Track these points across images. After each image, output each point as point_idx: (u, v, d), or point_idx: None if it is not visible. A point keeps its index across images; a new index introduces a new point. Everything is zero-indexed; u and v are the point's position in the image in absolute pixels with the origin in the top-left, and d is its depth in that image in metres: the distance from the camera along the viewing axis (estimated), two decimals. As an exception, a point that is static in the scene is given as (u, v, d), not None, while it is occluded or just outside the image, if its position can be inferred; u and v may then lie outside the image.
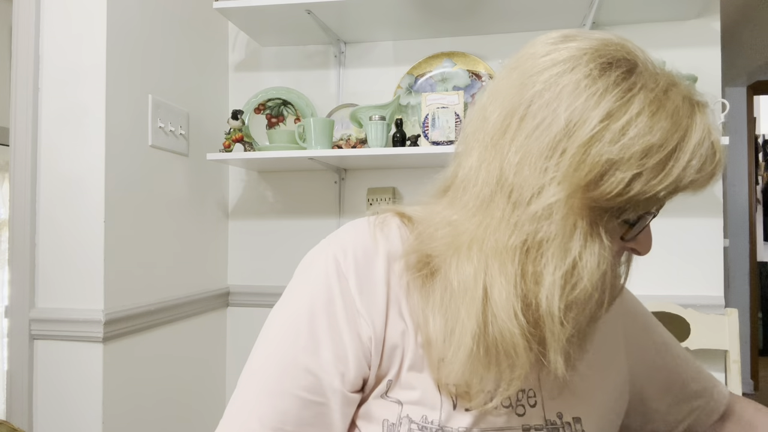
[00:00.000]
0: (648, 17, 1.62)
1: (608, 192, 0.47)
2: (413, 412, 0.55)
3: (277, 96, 1.82)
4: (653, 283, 1.64)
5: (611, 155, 0.46)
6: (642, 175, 0.46)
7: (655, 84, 0.48)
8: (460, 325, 0.51)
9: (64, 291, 1.30)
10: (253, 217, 1.88)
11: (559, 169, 0.48)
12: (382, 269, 0.57)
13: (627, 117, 0.46)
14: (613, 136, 0.46)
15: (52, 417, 1.30)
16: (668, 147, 0.46)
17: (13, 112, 1.31)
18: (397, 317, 0.56)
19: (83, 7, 1.31)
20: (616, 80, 0.48)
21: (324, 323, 0.56)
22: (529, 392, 0.59)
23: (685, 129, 0.47)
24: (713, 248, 1.62)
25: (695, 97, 0.50)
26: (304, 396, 0.55)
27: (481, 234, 0.51)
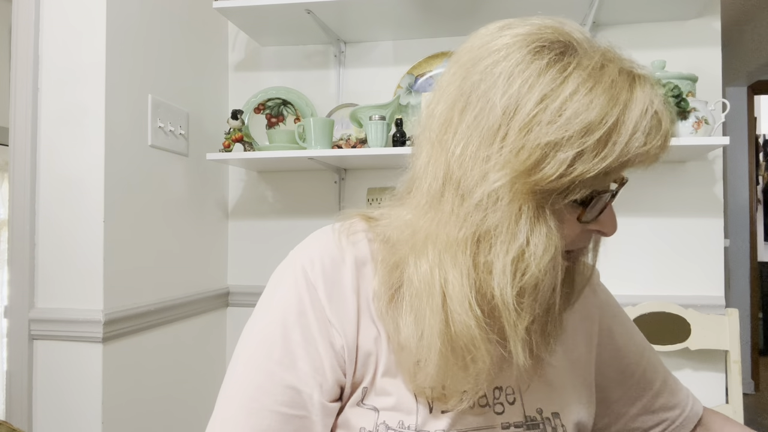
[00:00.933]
0: (648, 17, 1.62)
1: (551, 174, 0.46)
2: (390, 419, 0.55)
3: (276, 96, 1.81)
4: (653, 283, 1.64)
5: (550, 137, 0.46)
6: (584, 154, 0.46)
7: (590, 61, 0.48)
8: (428, 326, 0.51)
9: (63, 291, 1.30)
10: (253, 217, 1.88)
11: (501, 155, 0.48)
12: (350, 276, 0.56)
13: (562, 97, 0.46)
14: (550, 117, 0.46)
15: (51, 417, 1.30)
16: (608, 122, 0.45)
17: (13, 112, 1.31)
18: (368, 323, 0.56)
19: (83, 7, 1.31)
20: (548, 62, 0.48)
21: (298, 335, 0.55)
22: (507, 389, 0.59)
23: (624, 102, 0.46)
24: (714, 248, 1.62)
25: (635, 70, 0.49)
26: (284, 411, 0.54)
27: (434, 230, 0.51)
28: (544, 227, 0.48)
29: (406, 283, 0.54)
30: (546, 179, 0.46)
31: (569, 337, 0.66)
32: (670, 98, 1.35)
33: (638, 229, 1.65)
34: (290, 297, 0.56)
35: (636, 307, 1.53)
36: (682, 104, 1.38)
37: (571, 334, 0.67)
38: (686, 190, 1.63)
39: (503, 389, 0.59)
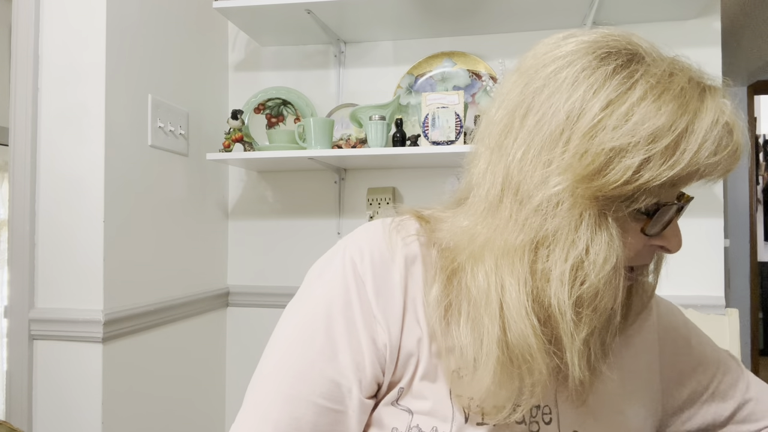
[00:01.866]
0: (648, 17, 1.62)
1: (616, 180, 0.45)
2: (423, 423, 0.54)
3: (277, 96, 1.81)
4: (653, 283, 1.63)
5: (616, 142, 0.45)
6: (651, 160, 0.44)
7: (658, 69, 0.47)
8: (486, 334, 0.50)
9: (63, 291, 1.30)
10: (253, 217, 1.88)
11: (563, 159, 0.47)
12: (399, 274, 0.55)
13: (630, 102, 0.45)
14: (616, 122, 0.45)
15: (51, 417, 1.30)
16: (677, 129, 0.44)
17: (13, 112, 1.31)
18: (413, 323, 0.55)
19: (83, 7, 1.31)
20: (615, 69, 0.47)
21: (341, 327, 0.54)
22: (544, 409, 0.57)
23: (694, 111, 0.45)
24: (714, 248, 1.61)
25: (705, 81, 0.48)
26: (321, 403, 0.53)
27: (491, 236, 0.50)
28: (605, 235, 0.47)
29: (464, 290, 0.52)
30: (610, 185, 0.45)
31: (624, 365, 0.62)
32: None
33: (638, 229, 1.65)
34: (337, 286, 0.55)
35: (636, 307, 1.53)
36: (683, 104, 1.38)
37: (625, 356, 0.63)
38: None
39: (541, 408, 0.57)
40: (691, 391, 0.66)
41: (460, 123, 1.52)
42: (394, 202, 1.74)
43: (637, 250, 0.51)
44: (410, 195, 1.77)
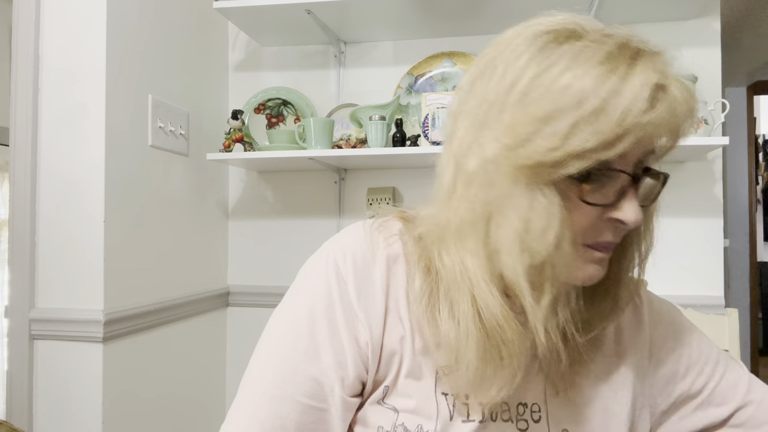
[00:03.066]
0: (648, 17, 1.62)
1: (545, 146, 0.45)
2: (408, 421, 0.55)
3: (277, 96, 1.81)
4: (653, 283, 1.62)
5: (543, 109, 0.45)
6: (578, 125, 0.45)
7: (589, 39, 0.48)
8: (462, 314, 0.51)
9: (64, 291, 1.30)
10: (253, 217, 1.88)
11: (496, 130, 0.48)
12: (381, 274, 0.56)
13: (557, 70, 0.46)
14: (544, 91, 0.46)
15: (52, 417, 1.30)
16: (604, 91, 0.44)
17: (13, 112, 1.31)
18: (396, 322, 0.56)
19: (83, 7, 1.31)
20: (549, 42, 0.48)
21: (324, 328, 0.55)
22: (533, 407, 0.58)
23: (622, 73, 0.45)
24: (713, 248, 1.62)
25: (640, 46, 0.48)
26: (305, 402, 0.55)
27: (450, 217, 0.52)
28: (543, 202, 0.47)
29: (439, 277, 0.54)
30: (540, 152, 0.46)
31: (608, 363, 0.62)
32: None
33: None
34: (320, 288, 0.57)
35: (636, 307, 1.53)
36: (682, 104, 1.38)
37: (614, 359, 0.62)
38: (686, 190, 1.63)
39: (528, 405, 0.58)
40: (684, 390, 0.65)
41: (460, 123, 1.52)
42: (395, 202, 1.74)
43: (589, 223, 0.50)
44: (410, 195, 1.77)
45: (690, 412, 0.65)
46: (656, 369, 0.64)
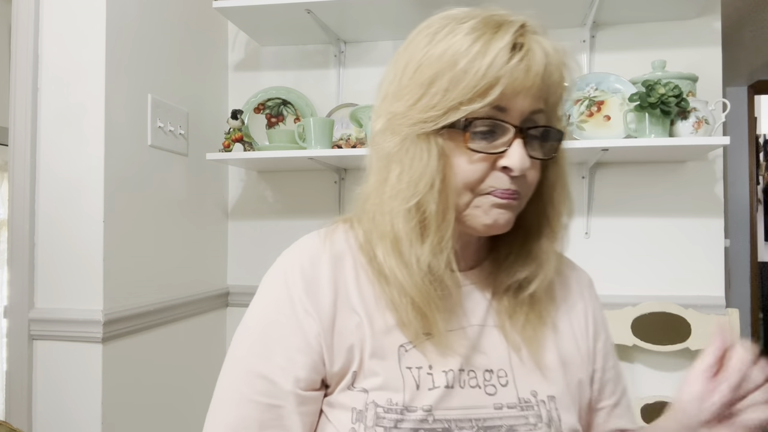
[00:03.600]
0: (648, 17, 1.62)
1: (429, 104, 0.56)
2: (378, 397, 0.59)
3: (276, 96, 1.81)
4: (654, 283, 1.63)
5: (429, 73, 0.56)
6: (453, 81, 0.55)
7: (466, 18, 0.58)
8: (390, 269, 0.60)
9: (63, 291, 1.30)
10: (253, 217, 1.88)
11: (395, 99, 0.59)
12: (327, 270, 0.62)
13: (439, 43, 0.57)
14: (428, 60, 0.57)
15: (51, 417, 1.30)
16: (471, 52, 0.54)
17: (13, 112, 1.31)
18: (348, 311, 0.61)
19: (82, 7, 1.30)
20: (437, 28, 0.59)
21: (274, 330, 0.61)
22: (499, 372, 0.63)
23: (488, 38, 0.55)
24: (714, 248, 1.61)
25: (508, 18, 0.57)
26: (261, 400, 0.59)
27: (367, 189, 0.63)
28: (424, 155, 0.57)
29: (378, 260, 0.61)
30: (424, 109, 0.56)
31: (564, 330, 0.69)
32: (671, 98, 1.35)
33: (639, 229, 1.65)
34: (269, 296, 0.63)
35: (636, 307, 1.53)
36: (682, 104, 1.38)
37: (566, 328, 0.69)
38: (686, 190, 1.62)
39: (494, 372, 0.62)
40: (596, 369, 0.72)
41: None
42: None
43: (481, 170, 0.57)
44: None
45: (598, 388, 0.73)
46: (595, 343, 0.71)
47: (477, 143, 0.56)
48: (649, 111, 1.38)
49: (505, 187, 0.57)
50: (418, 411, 0.58)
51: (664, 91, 1.36)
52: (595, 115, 1.53)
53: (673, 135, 1.42)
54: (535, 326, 0.65)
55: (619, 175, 1.66)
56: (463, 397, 0.60)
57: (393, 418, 0.57)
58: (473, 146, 0.56)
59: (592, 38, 1.66)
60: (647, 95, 1.37)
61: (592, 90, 1.54)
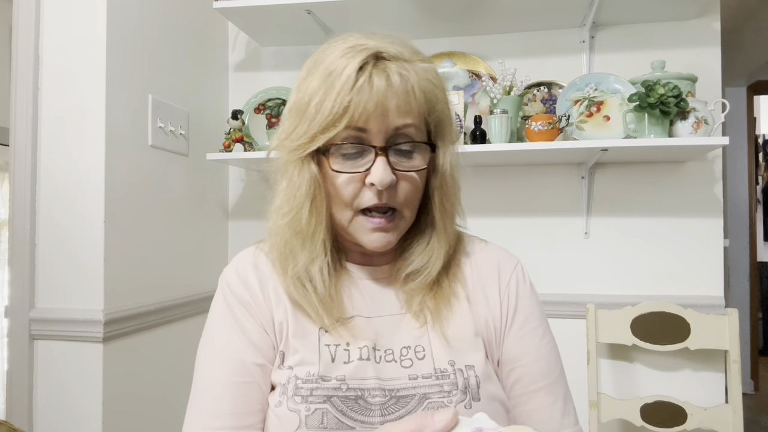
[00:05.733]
0: (648, 17, 1.62)
1: (299, 134, 0.64)
2: (299, 372, 0.66)
3: (277, 96, 1.81)
4: (653, 283, 1.64)
5: (298, 109, 0.66)
6: (312, 116, 0.63)
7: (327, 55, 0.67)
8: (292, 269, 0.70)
9: (64, 291, 1.30)
10: (253, 217, 1.88)
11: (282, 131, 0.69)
12: (253, 274, 0.72)
13: (304, 82, 0.67)
14: (297, 97, 0.67)
15: (52, 417, 1.30)
16: (322, 89, 0.63)
17: (13, 112, 1.31)
18: (276, 301, 0.70)
19: (83, 7, 1.31)
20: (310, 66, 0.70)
21: (230, 321, 0.69)
22: (417, 348, 0.68)
23: (336, 75, 0.62)
24: (713, 248, 1.62)
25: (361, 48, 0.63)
26: (233, 380, 0.66)
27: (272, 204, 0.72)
28: (295, 176, 0.66)
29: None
30: (296, 139, 0.65)
31: (479, 303, 0.72)
32: (670, 98, 1.35)
33: (638, 229, 1.65)
34: (219, 299, 0.72)
35: (636, 307, 1.53)
36: (682, 104, 1.38)
37: (481, 302, 0.73)
38: (686, 190, 1.63)
39: (412, 347, 0.68)
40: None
41: (460, 123, 1.52)
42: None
43: (352, 189, 0.65)
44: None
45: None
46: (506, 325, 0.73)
47: (341, 165, 0.64)
48: (648, 111, 1.38)
49: (373, 202, 0.64)
50: (332, 380, 0.64)
51: (663, 92, 1.36)
52: (594, 115, 1.53)
53: (672, 135, 1.42)
54: (444, 304, 0.70)
55: (619, 175, 1.66)
56: (377, 369, 0.66)
57: (309, 387, 0.64)
58: (336, 167, 0.64)
59: (591, 39, 1.67)
60: (647, 95, 1.37)
61: (592, 90, 1.54)
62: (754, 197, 3.88)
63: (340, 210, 0.66)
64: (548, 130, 1.48)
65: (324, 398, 0.63)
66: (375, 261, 0.74)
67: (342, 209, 0.66)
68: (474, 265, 0.75)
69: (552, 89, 1.67)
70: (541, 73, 1.67)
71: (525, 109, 1.60)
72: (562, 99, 1.57)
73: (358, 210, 0.66)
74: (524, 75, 1.60)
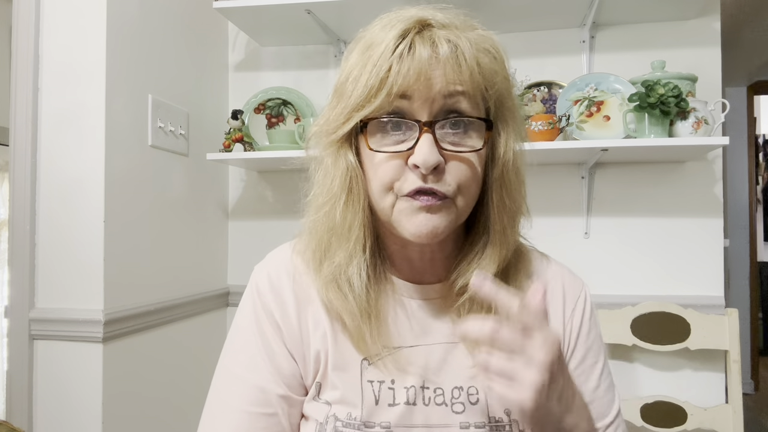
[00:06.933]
0: (648, 17, 1.62)
1: (337, 115, 0.58)
2: (339, 411, 0.59)
3: (277, 96, 1.81)
4: (653, 283, 1.64)
5: (338, 88, 0.59)
6: (350, 91, 0.56)
7: (360, 38, 0.60)
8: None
9: (63, 291, 1.30)
10: (253, 217, 1.88)
11: (322, 111, 0.63)
12: (289, 287, 0.64)
13: (346, 61, 0.60)
14: (338, 79, 0.60)
15: (52, 417, 1.30)
16: (360, 62, 0.56)
17: (13, 112, 1.31)
18: (312, 323, 0.62)
19: (83, 7, 1.30)
20: (354, 45, 0.60)
21: (257, 340, 0.63)
22: (470, 389, 0.60)
23: (370, 50, 0.56)
24: (713, 248, 1.61)
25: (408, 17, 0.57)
26: (251, 410, 0.60)
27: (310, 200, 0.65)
28: (330, 165, 0.59)
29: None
30: (332, 122, 0.58)
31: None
32: (670, 98, 1.35)
33: (638, 229, 1.65)
34: (246, 309, 0.66)
35: (636, 307, 1.53)
36: (682, 104, 1.38)
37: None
38: (686, 190, 1.63)
39: (464, 389, 0.60)
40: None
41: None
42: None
43: (394, 171, 0.56)
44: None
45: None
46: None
47: (379, 143, 0.56)
48: (648, 111, 1.38)
49: (417, 185, 0.55)
50: (376, 427, 0.58)
51: (663, 92, 1.36)
52: (594, 115, 1.53)
53: (672, 135, 1.42)
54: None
55: (619, 175, 1.66)
56: (426, 414, 0.59)
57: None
58: (374, 146, 0.56)
59: (591, 39, 1.67)
60: (647, 95, 1.37)
61: (592, 90, 1.54)
62: (754, 197, 3.88)
63: (381, 196, 0.57)
64: (548, 130, 1.48)
65: None
66: (426, 277, 0.64)
67: (383, 195, 0.57)
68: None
69: (552, 89, 1.67)
70: (541, 73, 1.67)
71: (525, 109, 1.60)
72: (562, 99, 1.57)
73: (400, 195, 0.56)
74: (524, 75, 1.60)
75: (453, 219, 0.57)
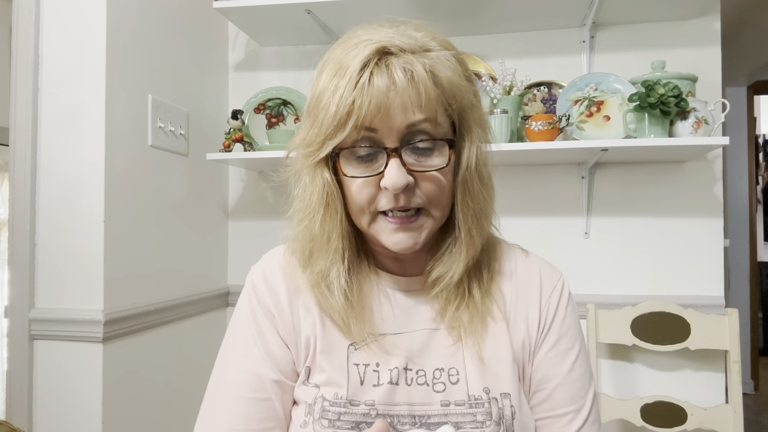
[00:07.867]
0: (648, 17, 1.62)
1: (311, 139, 0.61)
2: (326, 392, 0.63)
3: (277, 96, 1.81)
4: (653, 283, 1.64)
5: (309, 111, 0.62)
6: (320, 118, 0.59)
7: (326, 61, 0.63)
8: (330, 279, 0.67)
9: (63, 291, 1.30)
10: (253, 217, 1.88)
11: (299, 127, 0.67)
12: (282, 281, 0.69)
13: (317, 83, 0.62)
14: (310, 99, 0.63)
15: (51, 417, 1.30)
16: (329, 90, 0.59)
17: (13, 112, 1.31)
18: (304, 312, 0.67)
19: (83, 7, 1.31)
20: (323, 65, 0.63)
21: (251, 330, 0.67)
22: (450, 370, 0.64)
23: (341, 74, 0.58)
24: (713, 248, 1.62)
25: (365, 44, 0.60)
26: (248, 395, 0.64)
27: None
28: (308, 184, 0.63)
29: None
30: (308, 145, 0.61)
31: (519, 324, 0.68)
32: (670, 98, 1.35)
33: (638, 229, 1.65)
34: (244, 305, 0.70)
35: (636, 307, 1.53)
36: (682, 104, 1.38)
37: (521, 323, 0.68)
38: (686, 190, 1.63)
39: (445, 370, 0.64)
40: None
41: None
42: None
43: (368, 193, 0.61)
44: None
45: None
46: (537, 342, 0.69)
47: (353, 168, 0.61)
48: (648, 111, 1.38)
49: (390, 205, 0.60)
50: (361, 405, 0.62)
51: (663, 92, 1.36)
52: (594, 115, 1.53)
53: (672, 135, 1.42)
54: (478, 320, 0.66)
55: (619, 175, 1.66)
56: (408, 393, 0.63)
57: (337, 411, 0.62)
58: (349, 172, 0.61)
59: (591, 39, 1.67)
60: (647, 95, 1.37)
61: (592, 90, 1.54)
62: (754, 197, 3.88)
63: (359, 215, 0.63)
64: (548, 130, 1.48)
65: (352, 424, 0.61)
66: (408, 270, 0.69)
67: (360, 214, 0.62)
68: (514, 282, 0.70)
69: (552, 89, 1.67)
70: (541, 73, 1.68)
71: (525, 109, 1.60)
72: (562, 99, 1.57)
73: (376, 213, 0.62)
74: (524, 75, 1.60)
75: (430, 227, 0.63)
